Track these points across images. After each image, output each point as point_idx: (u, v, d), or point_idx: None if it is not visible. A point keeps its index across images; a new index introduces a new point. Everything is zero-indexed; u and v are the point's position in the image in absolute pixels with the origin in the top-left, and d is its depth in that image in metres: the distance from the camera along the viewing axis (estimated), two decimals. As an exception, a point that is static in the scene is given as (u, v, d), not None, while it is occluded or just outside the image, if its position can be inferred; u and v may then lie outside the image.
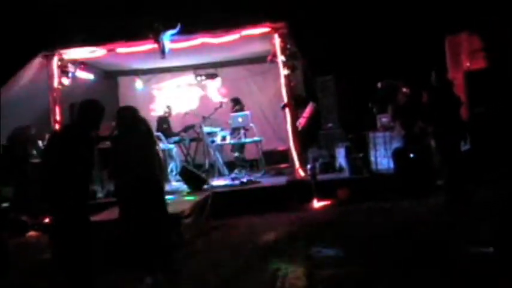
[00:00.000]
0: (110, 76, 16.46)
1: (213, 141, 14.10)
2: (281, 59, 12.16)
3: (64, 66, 12.69)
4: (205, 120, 14.26)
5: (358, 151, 12.27)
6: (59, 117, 12.45)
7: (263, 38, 12.40)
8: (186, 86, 16.70)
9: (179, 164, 13.87)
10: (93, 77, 14.24)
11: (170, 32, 11.90)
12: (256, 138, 13.97)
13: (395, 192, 10.72)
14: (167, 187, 12.19)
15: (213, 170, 13.87)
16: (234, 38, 12.27)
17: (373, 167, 12.20)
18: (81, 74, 13.43)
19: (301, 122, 13.17)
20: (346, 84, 14.35)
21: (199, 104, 16.53)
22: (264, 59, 13.39)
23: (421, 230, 8.33)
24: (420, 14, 14.16)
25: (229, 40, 12.34)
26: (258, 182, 12.49)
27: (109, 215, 8.61)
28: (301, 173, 11.92)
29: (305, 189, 11.21)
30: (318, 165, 12.76)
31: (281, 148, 14.13)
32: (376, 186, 11.13)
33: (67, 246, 5.94)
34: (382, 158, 12.15)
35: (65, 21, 12.70)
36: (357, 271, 6.62)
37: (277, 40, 12.16)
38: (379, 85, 12.76)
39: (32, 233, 11.08)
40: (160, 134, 13.72)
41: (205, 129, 14.12)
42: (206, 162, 14.15)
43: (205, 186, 11.86)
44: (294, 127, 12.24)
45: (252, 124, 13.98)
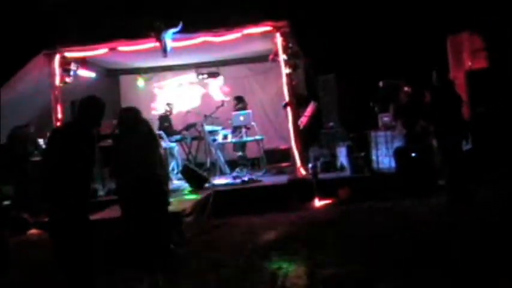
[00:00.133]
0: (112, 74, 16.45)
1: (214, 140, 14.08)
2: (283, 57, 12.15)
3: (66, 64, 12.68)
4: (207, 118, 14.25)
5: (360, 150, 12.27)
6: (60, 116, 12.46)
7: (265, 36, 12.39)
8: (187, 84, 16.67)
9: (181, 163, 13.85)
10: (94, 75, 14.22)
11: (172, 31, 11.91)
12: (257, 137, 13.96)
13: (396, 191, 10.72)
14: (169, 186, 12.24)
15: (214, 169, 13.85)
16: (236, 36, 12.26)
17: (374, 166, 12.20)
18: (83, 72, 13.41)
19: (302, 120, 13.17)
20: (348, 83, 14.35)
21: (200, 103, 16.50)
22: (266, 58, 13.38)
23: (422, 230, 8.33)
24: (422, 13, 14.16)
25: (231, 39, 12.33)
26: (259, 180, 12.48)
27: (110, 213, 8.62)
28: (302, 172, 11.92)
29: (306, 188, 11.21)
30: (319, 164, 12.76)
31: (282, 147, 14.11)
32: (377, 186, 11.13)
33: (67, 245, 5.93)
34: (383, 157, 12.15)
35: (66, 20, 12.72)
36: (357, 270, 6.62)
37: (279, 39, 12.15)
38: (381, 84, 12.76)
39: (33, 231, 11.08)
40: (161, 133, 13.72)
41: (207, 127, 14.11)
42: (207, 161, 14.13)
43: (206, 185, 11.85)
44: (296, 126, 12.24)
45: (253, 123, 13.96)
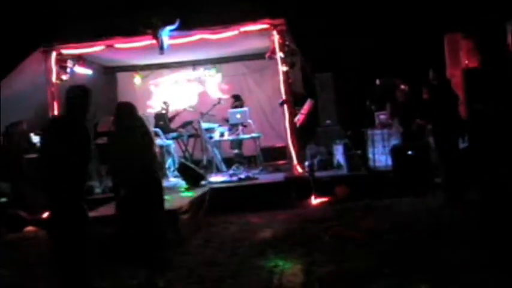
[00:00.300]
0: (109, 72, 16.42)
1: (211, 137, 14.08)
2: (280, 55, 12.15)
3: (62, 61, 12.67)
4: (203, 116, 14.25)
5: (356, 148, 12.27)
6: (57, 112, 12.43)
7: (262, 34, 12.36)
8: (184, 81, 16.65)
9: (177, 160, 13.84)
10: (91, 72, 14.19)
11: (169, 28, 11.90)
12: (254, 135, 13.95)
13: (393, 189, 10.74)
14: (165, 183, 12.23)
15: (211, 166, 13.83)
16: (233, 34, 12.25)
17: (371, 164, 12.21)
18: (80, 69, 13.39)
19: (299, 118, 13.17)
20: (345, 81, 14.35)
21: (197, 100, 16.48)
22: (263, 56, 13.33)
23: (418, 228, 8.34)
24: (419, 11, 14.17)
25: (228, 36, 12.32)
26: (256, 178, 12.47)
27: (106, 210, 8.61)
28: (299, 169, 11.92)
29: (303, 186, 11.21)
30: (316, 162, 12.76)
31: (279, 145, 14.10)
32: (374, 184, 11.13)
33: (61, 239, 5.92)
34: (380, 155, 12.16)
35: (63, 16, 12.70)
36: (354, 268, 6.63)
37: (276, 37, 12.13)
38: (378, 82, 12.77)
39: (30, 228, 11.07)
40: (158, 130, 13.71)
41: (204, 125, 14.10)
42: (204, 159, 14.12)
43: (203, 183, 11.85)
44: (292, 124, 12.24)
45: (250, 120, 13.96)
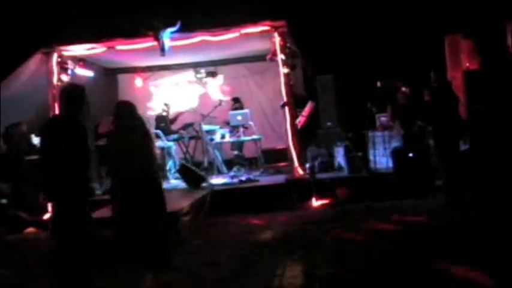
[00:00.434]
0: (110, 73, 16.43)
1: (212, 139, 14.08)
2: (281, 57, 12.16)
3: (63, 63, 12.68)
4: (204, 118, 14.26)
5: (357, 150, 12.27)
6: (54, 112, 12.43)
7: (263, 36, 12.38)
8: (185, 83, 16.65)
9: (178, 162, 13.84)
10: (92, 74, 14.19)
11: (170, 30, 11.92)
12: (255, 137, 13.95)
13: (394, 191, 10.72)
14: (166, 185, 12.23)
15: (212, 168, 13.84)
16: (234, 36, 12.26)
17: (372, 166, 12.20)
18: (81, 71, 13.38)
19: (300, 120, 13.17)
20: (346, 83, 14.35)
21: (198, 102, 16.48)
22: (264, 58, 13.34)
23: (419, 230, 8.34)
24: (420, 13, 14.15)
25: (229, 38, 12.33)
26: (257, 180, 12.47)
27: (106, 212, 8.60)
28: (300, 171, 11.92)
29: (304, 188, 11.20)
30: (317, 164, 12.75)
31: (280, 147, 14.11)
32: (375, 186, 11.12)
33: (62, 239, 5.92)
34: (381, 157, 12.15)
35: (64, 18, 12.70)
36: (354, 270, 6.63)
37: (277, 39, 12.15)
38: (379, 84, 12.76)
39: (30, 229, 11.09)
40: (159, 132, 13.72)
41: (205, 127, 14.11)
42: (205, 160, 14.13)
43: (204, 184, 11.84)
44: (294, 126, 12.25)
45: (251, 122, 13.97)
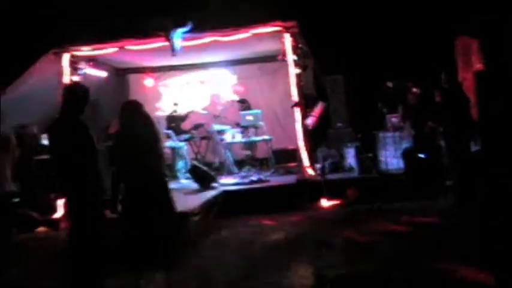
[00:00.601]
0: (120, 73, 16.47)
1: (222, 139, 14.10)
2: (292, 58, 12.15)
3: (74, 63, 12.73)
4: (216, 118, 14.28)
5: (368, 151, 12.26)
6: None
7: (274, 36, 12.37)
8: (196, 83, 16.68)
9: (189, 162, 13.86)
10: (104, 74, 14.25)
11: (181, 30, 11.93)
12: (266, 137, 13.97)
13: (404, 192, 10.71)
14: (176, 185, 12.27)
15: (222, 168, 13.87)
16: (245, 36, 12.26)
17: (382, 167, 12.18)
18: (92, 71, 13.44)
19: (311, 121, 13.15)
20: (356, 83, 14.34)
21: (209, 102, 16.51)
22: (275, 58, 13.34)
23: (429, 232, 8.32)
24: (431, 14, 14.12)
25: (240, 38, 12.34)
26: (267, 180, 12.46)
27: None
28: (310, 172, 11.91)
29: (314, 189, 11.19)
30: (327, 164, 12.73)
31: (291, 147, 14.09)
32: (385, 187, 11.10)
33: (73, 239, 5.96)
34: (391, 158, 12.13)
35: (76, 18, 12.73)
36: (365, 271, 6.62)
37: (288, 39, 12.13)
38: (389, 85, 12.74)
39: (41, 229, 11.14)
40: (170, 132, 13.75)
41: (216, 127, 14.14)
42: (216, 161, 14.15)
43: (214, 185, 11.87)
44: (304, 126, 12.24)
45: (262, 122, 13.97)
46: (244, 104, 14.72)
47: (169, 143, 13.64)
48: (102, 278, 6.18)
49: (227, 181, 12.56)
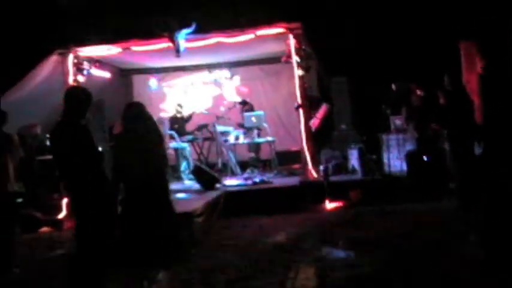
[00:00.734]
0: (124, 74, 16.50)
1: (226, 141, 14.11)
2: (295, 59, 12.16)
3: (79, 63, 12.74)
4: (219, 119, 14.29)
5: (371, 153, 12.26)
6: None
7: (278, 38, 12.39)
8: (200, 84, 16.69)
9: (192, 163, 13.87)
10: (108, 75, 14.27)
11: (185, 31, 11.94)
12: (269, 138, 13.97)
13: (408, 194, 10.69)
14: (179, 186, 12.29)
15: (225, 170, 13.88)
16: (249, 37, 12.28)
17: (386, 169, 12.16)
18: (96, 71, 13.46)
19: (314, 122, 13.15)
20: (360, 85, 14.32)
21: (212, 103, 16.53)
22: (278, 59, 13.35)
23: (432, 234, 8.31)
24: (435, 16, 14.10)
25: (244, 40, 12.35)
26: (271, 182, 12.46)
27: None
28: (313, 173, 11.92)
29: (317, 190, 11.20)
30: (330, 166, 12.73)
31: (294, 149, 14.10)
32: (388, 189, 11.09)
33: (79, 239, 5.98)
34: (395, 160, 12.11)
35: (80, 19, 12.75)
36: (368, 273, 6.62)
37: (292, 41, 12.15)
38: (393, 87, 12.72)
39: (45, 229, 11.16)
40: (173, 133, 13.77)
41: (219, 128, 14.14)
42: (219, 162, 14.16)
43: (217, 186, 11.88)
44: (308, 128, 12.24)
45: (265, 124, 13.98)
46: (245, 106, 14.73)
47: (172, 144, 13.66)
48: (103, 278, 6.18)
49: (230, 182, 12.57)
